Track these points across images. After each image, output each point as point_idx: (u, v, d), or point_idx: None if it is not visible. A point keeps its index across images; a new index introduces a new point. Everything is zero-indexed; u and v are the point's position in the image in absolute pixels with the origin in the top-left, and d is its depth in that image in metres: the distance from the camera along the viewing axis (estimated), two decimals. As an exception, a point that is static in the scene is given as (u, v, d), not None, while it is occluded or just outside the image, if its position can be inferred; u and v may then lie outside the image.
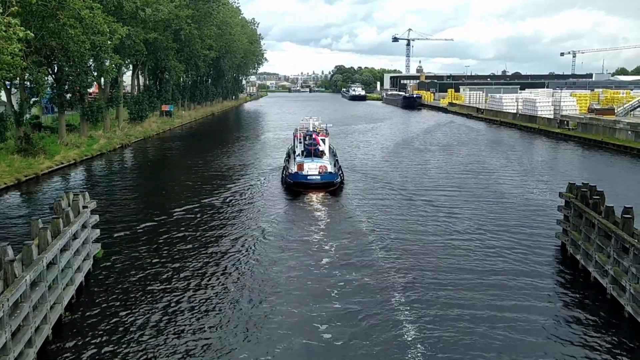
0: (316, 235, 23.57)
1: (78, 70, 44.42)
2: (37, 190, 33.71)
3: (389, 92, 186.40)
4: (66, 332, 14.67)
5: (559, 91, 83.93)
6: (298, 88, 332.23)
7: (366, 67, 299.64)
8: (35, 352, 12.89)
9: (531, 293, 17.29)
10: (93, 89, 60.65)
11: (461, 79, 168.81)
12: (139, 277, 18.51)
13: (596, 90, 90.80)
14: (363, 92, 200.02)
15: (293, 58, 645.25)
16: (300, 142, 40.41)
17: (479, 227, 24.62)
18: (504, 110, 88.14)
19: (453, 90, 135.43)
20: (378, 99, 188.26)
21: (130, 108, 65.87)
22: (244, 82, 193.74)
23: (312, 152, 36.14)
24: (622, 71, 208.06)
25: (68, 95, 47.49)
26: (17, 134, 40.38)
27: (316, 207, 28.91)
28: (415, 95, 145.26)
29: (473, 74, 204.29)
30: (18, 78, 37.88)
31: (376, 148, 55.39)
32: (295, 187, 32.21)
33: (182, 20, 67.33)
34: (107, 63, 47.17)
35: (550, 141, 62.07)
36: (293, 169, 33.85)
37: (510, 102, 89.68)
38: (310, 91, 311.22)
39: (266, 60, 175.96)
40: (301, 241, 22.60)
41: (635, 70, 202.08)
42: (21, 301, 12.47)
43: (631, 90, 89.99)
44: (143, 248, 21.60)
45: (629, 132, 53.74)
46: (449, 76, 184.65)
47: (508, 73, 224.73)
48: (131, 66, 69.89)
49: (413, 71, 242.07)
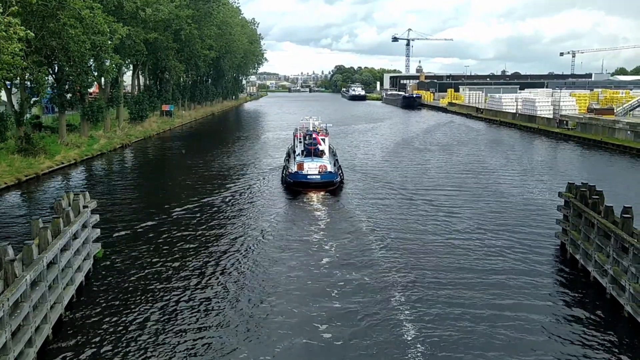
0: (316, 235, 23.59)
1: (78, 70, 44.44)
2: (38, 190, 33.73)
3: (389, 92, 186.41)
4: (66, 332, 14.69)
5: (559, 91, 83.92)
6: (298, 88, 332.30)
7: (366, 67, 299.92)
8: (35, 352, 12.91)
9: (531, 293, 17.32)
10: (93, 89, 60.67)
11: (461, 79, 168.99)
12: (139, 277, 18.54)
13: (595, 90, 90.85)
14: (363, 92, 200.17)
15: (293, 58, 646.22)
16: (300, 142, 40.46)
17: (479, 227, 24.65)
18: (504, 110, 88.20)
19: (453, 90, 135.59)
20: (378, 99, 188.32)
21: (130, 108, 65.89)
22: (244, 82, 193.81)
23: (312, 152, 36.21)
24: (622, 71, 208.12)
25: (68, 95, 47.52)
26: (18, 134, 40.40)
27: (316, 207, 28.94)
28: (415, 95, 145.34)
29: (473, 74, 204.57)
30: (18, 78, 37.90)
31: (376, 148, 55.42)
32: (295, 187, 32.27)
33: (182, 20, 67.36)
34: (108, 63, 47.20)
35: (549, 141, 62.10)
36: (293, 169, 33.93)
37: (509, 102, 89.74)
38: (310, 91, 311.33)
39: (266, 60, 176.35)
40: (301, 241, 22.62)
41: (634, 70, 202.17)
42: (21, 301, 12.49)
43: (630, 90, 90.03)
44: (143, 248, 21.62)
45: (629, 132, 53.77)
46: (449, 76, 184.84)
47: (508, 73, 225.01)
48: (131, 66, 69.94)
49: (413, 71, 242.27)
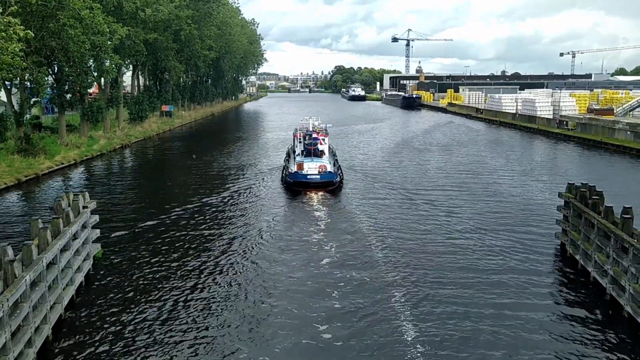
0: (316, 235, 23.59)
1: (78, 70, 44.43)
2: (37, 190, 33.73)
3: (389, 93, 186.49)
4: (66, 332, 14.67)
5: (558, 91, 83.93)
6: (298, 88, 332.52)
7: (366, 68, 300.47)
8: (35, 352, 12.90)
9: (530, 293, 17.31)
10: (93, 89, 60.65)
11: (460, 79, 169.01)
12: (139, 277, 18.52)
13: (595, 90, 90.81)
14: (363, 93, 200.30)
15: (293, 58, 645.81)
16: (300, 142, 40.49)
17: (479, 227, 24.65)
18: (503, 110, 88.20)
19: (452, 90, 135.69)
20: (378, 99, 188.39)
21: (130, 108, 65.88)
22: (244, 83, 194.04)
23: (312, 152, 36.24)
24: (622, 71, 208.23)
25: (68, 95, 47.51)
26: (17, 134, 40.39)
27: (316, 207, 28.93)
28: (414, 95, 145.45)
29: (472, 74, 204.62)
30: (18, 78, 37.89)
31: (376, 148, 55.42)
32: (295, 187, 32.30)
33: (182, 20, 67.37)
34: (107, 63, 47.19)
35: (549, 141, 62.11)
36: (293, 169, 33.98)
37: (509, 103, 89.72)
38: (310, 91, 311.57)
39: (266, 60, 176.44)
40: (301, 241, 22.62)
41: (634, 70, 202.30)
42: (21, 301, 12.47)
43: (630, 90, 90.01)
44: (143, 248, 21.61)
45: (628, 132, 53.77)
46: (449, 76, 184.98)
47: (507, 73, 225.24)
48: (131, 66, 69.92)
49: (413, 71, 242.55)
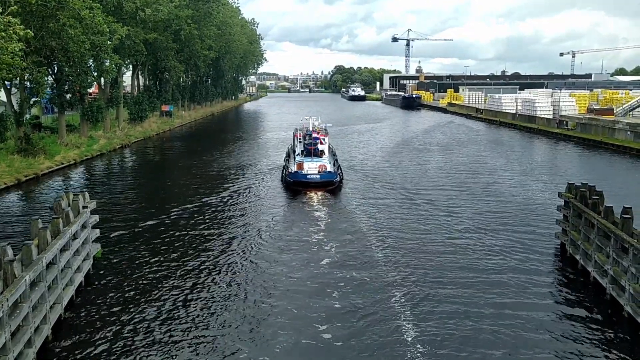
0: (316, 235, 23.58)
1: (78, 70, 44.43)
2: (37, 190, 33.72)
3: (389, 93, 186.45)
4: (66, 332, 14.66)
5: (558, 91, 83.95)
6: (298, 88, 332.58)
7: (366, 68, 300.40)
8: (34, 352, 12.89)
9: (530, 293, 17.30)
10: (93, 89, 60.64)
11: (460, 79, 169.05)
12: (139, 277, 18.51)
13: (595, 90, 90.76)
14: (362, 93, 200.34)
15: (293, 58, 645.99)
16: (299, 142, 40.51)
17: (479, 227, 24.64)
18: (503, 110, 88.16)
19: (452, 90, 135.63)
20: (377, 99, 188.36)
21: (130, 108, 65.87)
22: (244, 83, 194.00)
23: (312, 152, 36.27)
24: (622, 71, 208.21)
25: (68, 95, 47.49)
26: (17, 134, 40.38)
27: (316, 207, 28.92)
28: (414, 95, 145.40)
29: (472, 74, 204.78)
30: (18, 78, 37.88)
31: (376, 148, 55.41)
32: (295, 186, 32.33)
33: (182, 20, 67.37)
34: (107, 63, 47.19)
35: (549, 141, 62.10)
36: (293, 168, 34.01)
37: (509, 103, 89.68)
38: (309, 91, 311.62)
39: (266, 60, 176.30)
40: (301, 241, 22.61)
41: (634, 70, 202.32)
42: (21, 301, 12.46)
43: (630, 90, 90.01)
44: (143, 248, 21.60)
45: (628, 132, 53.77)
46: (449, 76, 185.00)
47: (507, 73, 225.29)
48: (131, 66, 69.90)
49: (412, 71, 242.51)
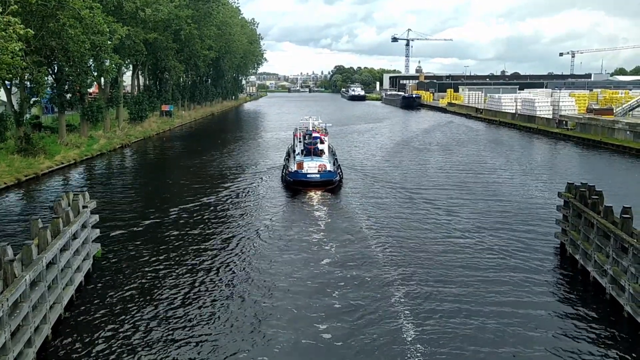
0: (316, 234, 23.58)
1: (78, 70, 44.43)
2: (37, 190, 33.72)
3: (389, 92, 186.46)
4: (66, 332, 14.67)
5: (558, 91, 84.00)
6: (298, 88, 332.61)
7: (365, 67, 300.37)
8: (34, 352, 12.89)
9: (530, 292, 17.30)
10: (93, 89, 60.64)
11: (460, 79, 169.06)
12: (139, 277, 18.52)
13: (595, 90, 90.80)
14: (362, 92, 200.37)
15: (293, 58, 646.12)
16: (299, 142, 40.56)
17: (478, 227, 24.64)
18: (503, 110, 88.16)
19: (452, 90, 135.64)
20: (377, 99, 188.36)
21: (130, 108, 65.86)
22: (244, 82, 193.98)
23: (312, 151, 36.31)
24: (621, 71, 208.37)
25: (68, 95, 47.49)
26: (17, 134, 40.38)
27: (316, 207, 28.93)
28: (414, 95, 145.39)
29: (472, 74, 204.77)
30: (18, 78, 37.88)
31: (376, 148, 55.42)
32: (295, 186, 32.40)
33: (182, 20, 67.38)
34: (107, 63, 47.17)
35: (549, 141, 62.10)
36: (293, 168, 34.09)
37: (509, 102, 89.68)
38: (309, 91, 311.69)
39: (266, 60, 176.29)
40: (301, 241, 22.61)
41: (634, 70, 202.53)
42: (21, 301, 12.46)
43: (630, 90, 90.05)
44: (143, 247, 21.60)
45: (628, 132, 53.78)
46: (448, 76, 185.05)
47: (507, 73, 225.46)
48: (131, 66, 69.91)
49: (412, 71, 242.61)
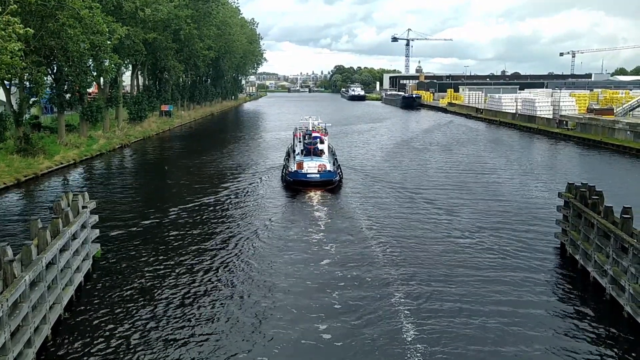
0: (316, 235, 23.56)
1: (77, 70, 44.35)
2: (37, 190, 33.68)
3: (388, 92, 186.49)
4: (65, 332, 14.65)
5: (558, 91, 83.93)
6: (297, 88, 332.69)
7: (365, 67, 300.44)
8: (34, 352, 12.87)
9: (530, 292, 17.29)
10: (92, 89, 60.60)
11: (460, 79, 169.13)
12: (138, 277, 18.50)
13: (595, 90, 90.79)
14: (362, 92, 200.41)
15: (292, 58, 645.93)
16: (299, 141, 40.54)
17: (478, 227, 24.63)
18: (503, 110, 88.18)
19: (452, 90, 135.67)
20: (377, 99, 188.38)
21: (129, 108, 65.82)
22: (244, 82, 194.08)
23: (312, 151, 36.32)
24: (621, 71, 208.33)
25: (67, 95, 47.42)
26: (17, 134, 40.34)
27: (316, 207, 28.92)
28: (414, 95, 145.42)
29: (472, 74, 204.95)
30: (17, 78, 37.86)
31: (375, 148, 55.41)
32: (294, 185, 32.41)
33: (182, 20, 67.34)
34: (107, 63, 47.10)
35: (549, 141, 62.10)
36: (293, 168, 34.10)
37: (509, 102, 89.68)
38: (309, 91, 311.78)
39: (265, 60, 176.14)
40: (301, 241, 22.60)
41: (634, 70, 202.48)
42: (20, 301, 12.45)
43: (630, 90, 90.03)
44: (142, 248, 21.58)
45: (628, 132, 53.77)
46: (448, 76, 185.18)
47: (507, 73, 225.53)
48: (130, 66, 69.81)
49: (412, 71, 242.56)
